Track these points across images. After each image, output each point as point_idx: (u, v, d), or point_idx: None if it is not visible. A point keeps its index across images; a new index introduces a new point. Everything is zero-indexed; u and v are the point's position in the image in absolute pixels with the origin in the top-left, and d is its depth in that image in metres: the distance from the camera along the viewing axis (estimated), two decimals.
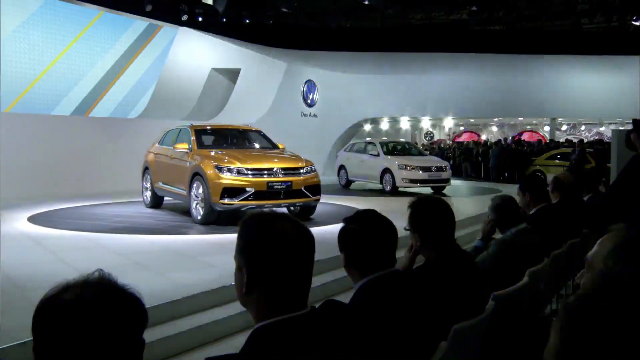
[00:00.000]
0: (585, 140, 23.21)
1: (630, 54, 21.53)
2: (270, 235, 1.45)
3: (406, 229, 2.66)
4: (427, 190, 14.77)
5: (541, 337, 1.43)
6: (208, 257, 6.66)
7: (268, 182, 8.98)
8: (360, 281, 2.11)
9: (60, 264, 6.25)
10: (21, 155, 12.73)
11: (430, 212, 2.62)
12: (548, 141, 23.69)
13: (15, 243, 7.44)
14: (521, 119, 27.94)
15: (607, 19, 19.35)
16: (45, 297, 1.23)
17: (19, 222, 9.14)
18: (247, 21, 19.94)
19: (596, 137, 26.21)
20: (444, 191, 14.77)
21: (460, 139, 30.52)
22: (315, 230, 1.69)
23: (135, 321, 1.24)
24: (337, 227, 2.17)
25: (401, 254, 2.27)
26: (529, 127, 30.17)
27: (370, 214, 2.22)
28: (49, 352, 1.19)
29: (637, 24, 18.41)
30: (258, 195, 8.90)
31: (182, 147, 9.86)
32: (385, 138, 22.33)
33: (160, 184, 10.70)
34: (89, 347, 1.17)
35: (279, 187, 9.07)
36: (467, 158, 22.71)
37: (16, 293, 5.04)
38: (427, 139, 31.22)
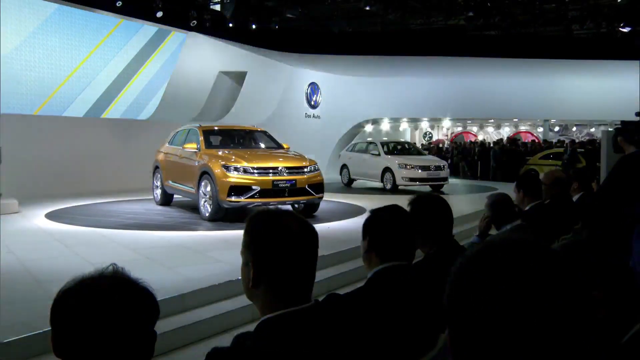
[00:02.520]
0: (577, 141, 23.38)
1: (619, 59, 21.55)
2: (275, 232, 1.47)
3: None
4: (426, 188, 15.01)
5: None
6: (215, 252, 6.75)
7: (273, 181, 9.13)
8: (377, 267, 2.15)
9: (75, 258, 6.39)
10: (39, 155, 12.93)
11: (430, 209, 2.66)
12: (542, 141, 23.89)
13: (34, 238, 7.68)
14: (516, 119, 28.09)
15: (597, 25, 19.54)
16: (63, 290, 1.26)
17: (38, 219, 9.37)
18: (253, 26, 20.12)
19: (587, 138, 26.34)
20: (442, 189, 14.92)
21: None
22: (318, 226, 1.83)
23: (148, 314, 1.27)
24: (339, 223, 2.31)
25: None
26: (523, 128, 30.30)
27: (398, 207, 2.28)
28: (66, 341, 1.22)
29: (625, 30, 18.65)
30: (264, 193, 9.04)
31: (191, 147, 9.99)
32: (385, 138, 22.51)
33: (170, 182, 10.80)
34: (104, 338, 1.20)
35: (283, 185, 9.20)
36: (464, 157, 22.79)
37: (35, 286, 5.21)
38: (426, 139, 31.34)
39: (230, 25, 19.23)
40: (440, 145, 26.30)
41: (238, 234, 1.64)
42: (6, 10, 13.35)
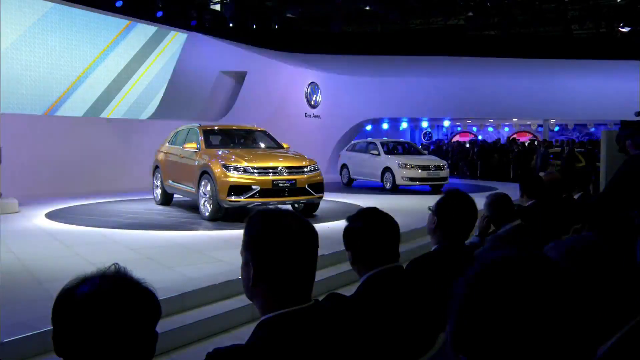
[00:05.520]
0: (577, 141, 23.39)
1: (618, 59, 21.61)
2: (275, 231, 1.47)
3: (429, 209, 2.79)
4: (426, 188, 15.05)
5: None
6: (215, 252, 6.77)
7: (273, 180, 9.14)
8: (365, 274, 2.15)
9: (76, 258, 6.41)
10: (39, 155, 12.96)
11: (454, 205, 2.72)
12: (542, 141, 23.92)
13: (34, 238, 7.68)
14: (516, 119, 28.10)
15: (597, 25, 19.62)
16: (65, 289, 1.26)
17: (38, 218, 9.37)
18: (254, 26, 20.19)
19: (587, 137, 26.39)
20: (442, 189, 14.85)
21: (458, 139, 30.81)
22: (318, 226, 1.80)
23: (150, 314, 1.27)
24: (339, 223, 2.29)
25: (404, 248, 2.36)
26: (522, 127, 30.38)
27: (372, 211, 2.26)
28: (68, 340, 1.22)
29: (625, 30, 18.69)
30: (263, 192, 9.04)
31: (191, 146, 10.00)
32: (385, 138, 22.57)
33: (170, 182, 10.82)
34: (105, 337, 1.20)
35: (283, 185, 9.21)
36: (463, 157, 22.87)
37: (35, 285, 5.22)
38: (425, 139, 31.38)
39: (230, 25, 19.27)
40: (440, 145, 26.34)
41: (238, 233, 1.63)
42: (5, 8, 13.35)
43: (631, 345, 1.19)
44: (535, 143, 23.34)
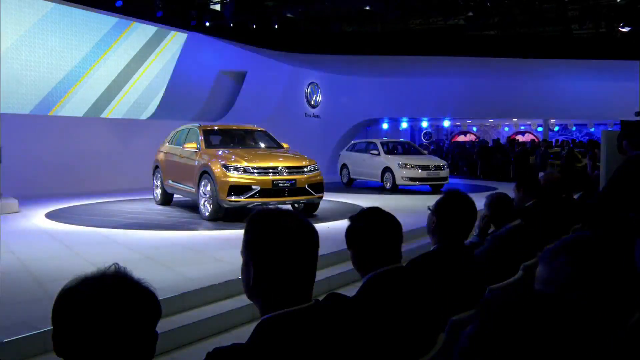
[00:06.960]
0: (577, 140, 23.39)
1: (618, 59, 21.62)
2: (275, 231, 1.46)
3: (429, 208, 2.81)
4: (426, 188, 15.09)
5: None
6: (215, 252, 6.76)
7: (273, 180, 9.15)
8: (367, 275, 2.14)
9: (76, 258, 6.41)
10: (39, 155, 12.98)
11: (454, 205, 2.75)
12: (541, 141, 23.94)
13: (34, 238, 7.68)
14: (516, 119, 28.09)
15: (596, 25, 19.63)
16: (65, 288, 1.26)
17: (38, 218, 9.38)
18: (254, 26, 20.21)
19: (587, 137, 26.42)
20: (442, 189, 14.84)
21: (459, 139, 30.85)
22: (318, 226, 1.76)
23: (150, 314, 1.27)
24: (339, 223, 2.26)
25: (403, 248, 2.28)
26: (523, 127, 30.38)
27: (375, 211, 2.25)
28: (67, 340, 1.22)
29: (625, 30, 18.70)
30: (263, 192, 9.05)
31: (191, 146, 10.00)
32: (385, 138, 22.54)
33: (170, 182, 10.81)
34: (105, 338, 1.20)
35: (283, 185, 9.21)
36: (463, 157, 22.87)
37: (35, 285, 5.22)
38: (425, 139, 31.41)
39: (231, 25, 19.27)
40: (441, 145, 26.35)
41: (238, 233, 1.62)
42: (5, 8, 13.35)
43: (631, 344, 1.20)
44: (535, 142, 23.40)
